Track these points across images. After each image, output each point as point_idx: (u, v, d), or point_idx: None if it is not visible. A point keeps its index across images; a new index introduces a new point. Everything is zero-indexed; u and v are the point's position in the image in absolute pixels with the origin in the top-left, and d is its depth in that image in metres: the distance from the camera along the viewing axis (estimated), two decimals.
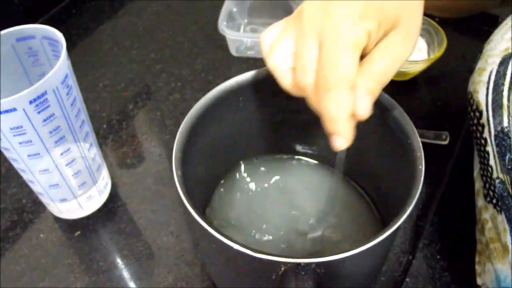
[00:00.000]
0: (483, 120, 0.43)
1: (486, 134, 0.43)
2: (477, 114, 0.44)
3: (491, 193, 0.44)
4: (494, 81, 0.42)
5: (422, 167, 0.39)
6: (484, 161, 0.45)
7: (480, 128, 0.44)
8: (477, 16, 0.79)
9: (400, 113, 0.43)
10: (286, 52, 0.38)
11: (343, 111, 0.35)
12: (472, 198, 0.50)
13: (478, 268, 0.48)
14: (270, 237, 0.50)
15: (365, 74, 0.36)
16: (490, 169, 0.44)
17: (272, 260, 0.34)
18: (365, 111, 0.36)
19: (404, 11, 0.37)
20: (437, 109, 0.70)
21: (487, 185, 0.45)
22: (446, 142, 0.63)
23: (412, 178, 0.39)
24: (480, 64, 0.45)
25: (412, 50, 0.38)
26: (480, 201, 0.48)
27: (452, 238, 0.54)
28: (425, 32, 0.73)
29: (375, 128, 0.45)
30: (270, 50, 0.39)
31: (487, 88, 0.43)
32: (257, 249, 0.34)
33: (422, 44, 0.73)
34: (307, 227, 0.51)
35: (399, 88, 0.72)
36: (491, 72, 0.43)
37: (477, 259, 0.48)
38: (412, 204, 0.37)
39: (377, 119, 0.44)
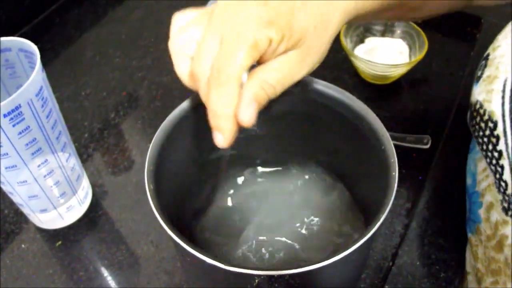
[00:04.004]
0: (498, 131, 0.42)
1: (501, 146, 0.41)
2: (490, 125, 0.43)
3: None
4: (511, 90, 0.41)
5: (395, 173, 0.39)
6: (497, 175, 0.43)
7: (493, 140, 0.43)
8: (460, 18, 0.79)
9: (373, 119, 0.43)
10: (191, 38, 0.38)
11: (228, 108, 0.36)
12: (452, 203, 0.49)
13: None
14: (252, 247, 0.50)
15: (255, 80, 0.36)
16: (503, 184, 0.42)
17: (244, 273, 0.34)
18: (247, 115, 0.36)
19: (311, 34, 0.37)
20: (419, 113, 0.70)
21: (506, 198, 0.43)
22: (427, 146, 0.63)
23: (386, 184, 0.39)
24: (489, 72, 0.44)
25: (305, 73, 0.39)
26: (495, 215, 0.45)
27: (432, 244, 0.54)
28: (407, 35, 0.73)
29: (350, 134, 0.45)
30: (178, 32, 0.39)
31: (503, 97, 0.41)
32: (230, 262, 0.34)
33: (403, 47, 0.73)
34: (287, 235, 0.51)
35: (380, 92, 0.72)
36: (505, 80, 0.41)
37: (490, 279, 0.46)
38: (386, 212, 0.37)
39: (351, 125, 0.44)
